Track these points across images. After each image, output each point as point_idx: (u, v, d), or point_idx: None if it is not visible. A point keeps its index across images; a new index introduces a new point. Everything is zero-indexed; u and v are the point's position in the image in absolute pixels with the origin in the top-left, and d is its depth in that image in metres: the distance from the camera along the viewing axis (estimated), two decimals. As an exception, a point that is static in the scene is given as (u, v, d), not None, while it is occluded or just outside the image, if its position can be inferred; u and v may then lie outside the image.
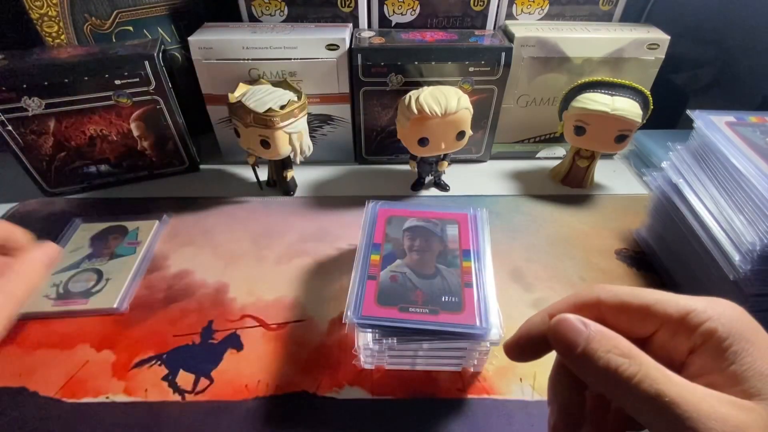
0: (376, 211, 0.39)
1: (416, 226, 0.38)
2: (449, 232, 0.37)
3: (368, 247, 0.36)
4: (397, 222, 0.38)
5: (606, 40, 0.51)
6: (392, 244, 0.36)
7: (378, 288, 0.33)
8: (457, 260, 0.35)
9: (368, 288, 0.33)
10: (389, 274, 0.34)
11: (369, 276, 0.33)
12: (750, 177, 0.34)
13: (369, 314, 0.31)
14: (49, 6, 0.48)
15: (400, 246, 0.36)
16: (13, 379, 0.34)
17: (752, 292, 0.33)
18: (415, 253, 0.35)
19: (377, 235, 0.37)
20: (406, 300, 0.32)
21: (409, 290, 0.33)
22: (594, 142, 0.49)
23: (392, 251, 0.36)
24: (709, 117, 0.39)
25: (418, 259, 0.35)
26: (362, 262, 0.35)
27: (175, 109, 0.52)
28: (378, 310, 0.31)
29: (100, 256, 0.44)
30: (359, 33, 0.53)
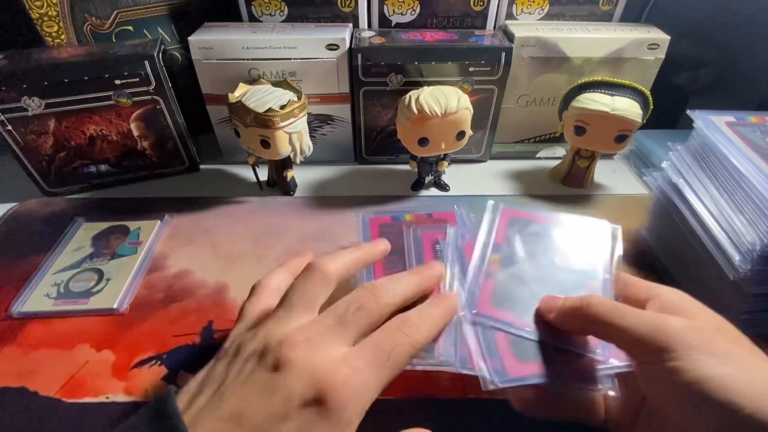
0: (499, 210, 0.37)
1: (539, 233, 0.35)
2: (575, 244, 0.34)
3: (487, 245, 0.34)
4: (520, 225, 0.36)
5: (606, 40, 0.51)
6: (512, 247, 0.34)
7: (494, 288, 0.31)
8: (584, 278, 0.32)
9: (485, 286, 0.31)
10: (507, 277, 0.32)
11: (487, 273, 0.32)
12: (750, 177, 0.34)
13: (485, 312, 0.30)
14: (49, 6, 0.48)
15: (520, 250, 0.34)
16: (13, 379, 0.34)
17: (752, 292, 0.33)
18: (535, 260, 0.33)
19: (499, 235, 0.35)
20: (524, 306, 0.30)
21: (527, 297, 0.31)
22: (594, 142, 0.49)
23: (512, 254, 0.33)
24: (709, 117, 0.39)
25: (533, 265, 0.33)
26: (480, 260, 0.33)
27: (175, 109, 0.52)
28: (493, 310, 0.30)
29: (101, 256, 0.44)
30: (359, 33, 0.53)
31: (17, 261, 0.44)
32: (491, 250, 0.34)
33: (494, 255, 0.33)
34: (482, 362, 0.27)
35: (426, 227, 0.37)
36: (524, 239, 0.34)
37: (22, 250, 0.45)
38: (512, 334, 0.28)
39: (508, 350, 0.28)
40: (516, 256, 0.33)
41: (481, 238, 0.34)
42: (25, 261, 0.44)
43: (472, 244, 0.34)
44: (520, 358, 0.27)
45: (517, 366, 0.27)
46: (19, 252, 0.45)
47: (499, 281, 0.32)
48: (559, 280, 0.31)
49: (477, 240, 0.34)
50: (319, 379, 0.21)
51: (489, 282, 0.31)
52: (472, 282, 0.31)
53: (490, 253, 0.33)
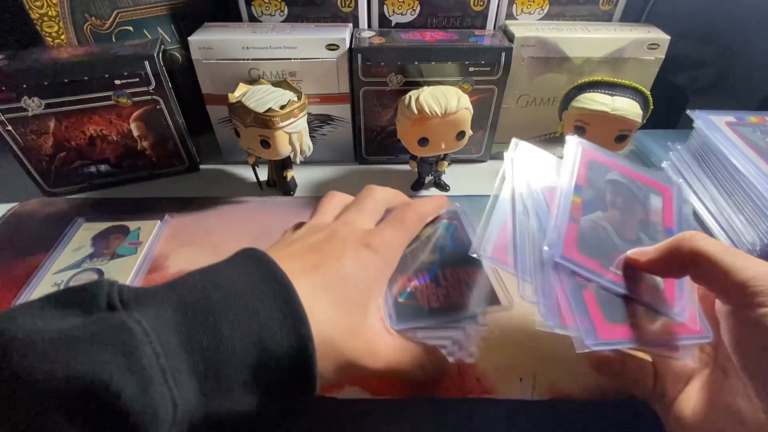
0: (580, 150, 0.34)
1: (620, 182, 0.33)
2: (653, 202, 0.33)
3: (571, 186, 0.31)
4: (599, 169, 0.33)
5: (606, 40, 0.51)
6: (594, 191, 0.31)
7: (579, 233, 0.29)
8: (660, 236, 0.30)
9: (569, 230, 0.29)
10: (590, 223, 0.30)
11: (571, 217, 0.30)
12: (750, 177, 0.34)
13: (571, 257, 0.27)
14: (49, 6, 0.48)
15: (602, 197, 0.31)
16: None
17: (752, 292, 0.33)
18: (617, 210, 0.31)
19: (580, 176, 0.32)
20: (607, 257, 0.28)
21: (610, 248, 0.29)
22: (594, 141, 0.49)
23: (593, 199, 0.31)
24: (709, 117, 0.39)
25: (621, 219, 0.30)
26: (564, 200, 0.30)
27: (175, 109, 0.52)
28: (579, 255, 0.28)
29: (101, 256, 0.44)
30: (359, 33, 0.53)
31: (17, 261, 0.44)
32: (573, 190, 0.31)
33: (576, 197, 0.31)
34: (573, 321, 0.26)
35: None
36: (605, 185, 0.32)
37: (22, 250, 0.45)
38: (600, 285, 0.27)
39: (598, 310, 0.27)
40: (597, 203, 0.31)
41: (564, 176, 0.32)
42: (25, 261, 0.44)
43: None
44: (609, 319, 0.27)
45: (606, 328, 0.26)
46: (19, 252, 0.45)
47: (582, 226, 0.30)
48: (638, 237, 0.30)
49: (561, 177, 0.32)
50: (365, 235, 0.31)
51: (573, 225, 0.29)
52: (558, 221, 0.29)
53: (573, 194, 0.31)
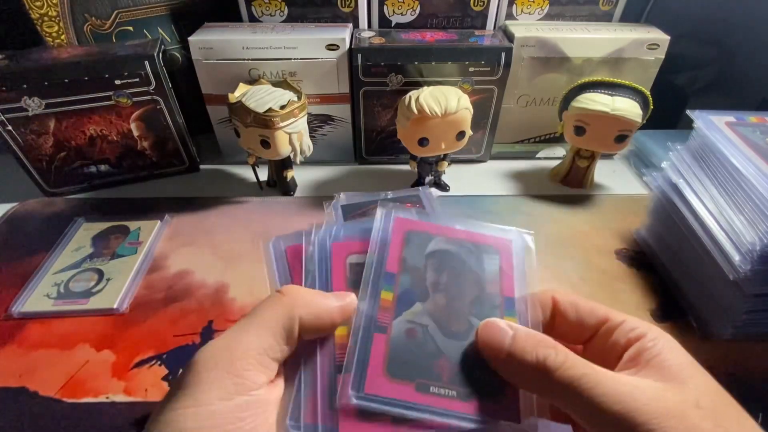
0: (391, 221, 0.26)
1: (444, 252, 0.26)
2: (487, 266, 0.25)
3: (378, 277, 0.24)
4: (418, 242, 0.26)
5: (606, 40, 0.51)
6: (410, 275, 0.25)
7: (388, 348, 0.22)
8: (497, 312, 0.24)
9: (375, 346, 0.22)
10: (405, 325, 0.23)
11: (377, 327, 0.23)
12: (750, 177, 0.34)
13: (374, 392, 0.21)
14: (49, 6, 0.48)
15: (421, 279, 0.25)
16: (13, 379, 0.34)
17: (752, 292, 0.33)
18: (440, 294, 0.24)
19: (391, 260, 0.25)
20: (426, 372, 0.22)
21: (430, 356, 0.22)
22: (594, 142, 0.49)
23: (410, 288, 0.24)
24: (709, 117, 0.39)
25: (445, 306, 0.24)
26: (369, 302, 0.23)
27: (175, 109, 0.52)
28: (388, 385, 0.21)
29: (101, 256, 0.44)
30: (359, 33, 0.53)
31: (17, 261, 0.44)
32: (382, 283, 0.24)
33: (386, 292, 0.24)
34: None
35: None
36: (426, 262, 0.25)
37: (22, 250, 0.45)
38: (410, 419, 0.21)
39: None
40: (416, 291, 0.24)
41: (369, 266, 0.24)
42: (25, 261, 0.44)
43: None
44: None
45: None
46: (19, 252, 0.45)
47: (394, 335, 0.23)
48: (469, 325, 0.24)
49: (365, 269, 0.24)
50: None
51: (380, 338, 0.23)
52: (361, 344, 0.22)
53: (381, 290, 0.24)
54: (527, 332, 0.22)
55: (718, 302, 0.36)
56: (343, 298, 0.23)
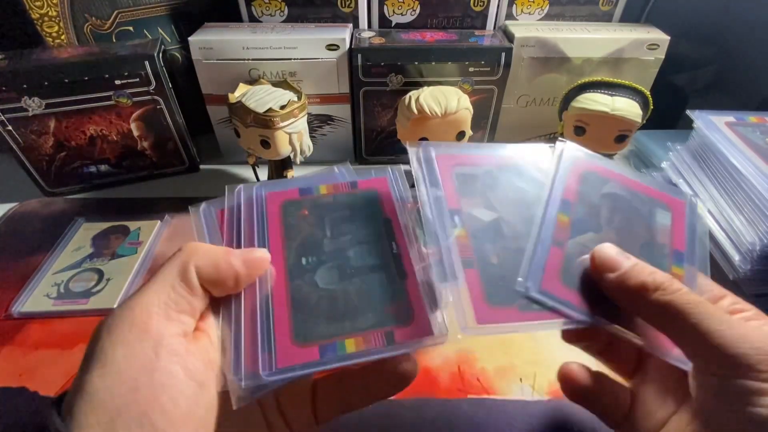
0: (572, 157, 0.28)
1: (619, 196, 0.28)
2: (659, 219, 0.27)
3: (556, 202, 0.26)
4: (595, 182, 0.28)
5: (606, 41, 0.51)
6: (585, 208, 0.26)
7: (564, 260, 0.24)
8: (666, 261, 0.26)
9: (552, 256, 0.24)
10: (579, 247, 0.25)
11: (554, 241, 0.25)
12: (750, 177, 0.34)
13: (551, 290, 0.23)
14: (49, 6, 0.48)
15: (595, 214, 0.26)
16: (13, 379, 0.34)
17: (752, 292, 0.33)
18: (614, 231, 0.26)
19: (568, 190, 0.27)
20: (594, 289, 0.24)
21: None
22: (594, 142, 0.49)
23: (584, 218, 0.26)
24: (708, 117, 0.39)
25: (617, 241, 0.25)
26: (547, 219, 0.25)
27: (175, 109, 0.52)
28: (561, 288, 0.23)
29: (101, 256, 0.44)
30: (359, 33, 0.53)
31: (17, 261, 0.44)
32: (559, 207, 0.26)
33: (563, 215, 0.26)
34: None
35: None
36: (600, 201, 0.27)
37: (22, 250, 0.45)
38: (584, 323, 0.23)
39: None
40: (590, 222, 0.26)
41: (546, 189, 0.27)
42: (25, 261, 0.44)
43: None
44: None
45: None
46: (19, 252, 0.45)
47: (568, 251, 0.25)
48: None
49: (543, 191, 0.27)
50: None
51: (557, 250, 0.25)
52: (537, 245, 0.24)
53: (557, 211, 0.26)
54: (644, 264, 0.22)
55: (718, 302, 0.36)
56: (251, 252, 0.23)
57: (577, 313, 0.23)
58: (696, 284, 0.25)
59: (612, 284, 0.22)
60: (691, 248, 0.27)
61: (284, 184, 0.28)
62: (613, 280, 0.22)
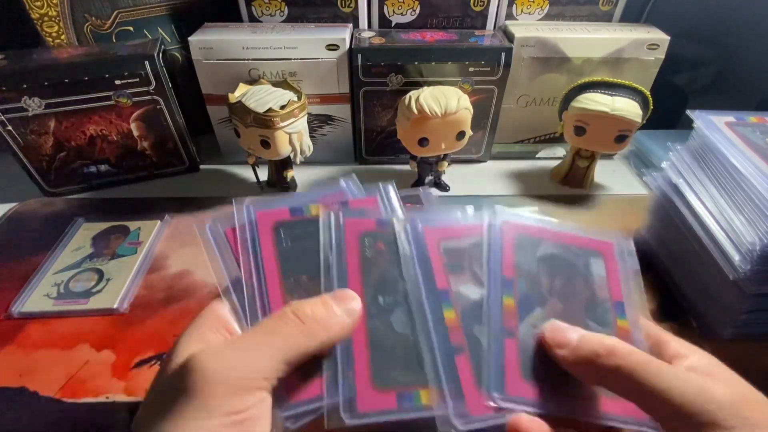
0: (499, 227, 0.26)
1: (554, 256, 0.26)
2: (594, 270, 0.26)
3: (497, 283, 0.24)
4: (529, 246, 0.26)
5: (606, 41, 0.51)
6: (526, 281, 0.25)
7: (519, 352, 0.23)
8: (610, 317, 0.25)
9: (508, 351, 0.23)
10: (529, 329, 0.24)
11: (506, 332, 0.23)
12: (750, 177, 0.34)
13: (517, 393, 0.22)
14: (49, 6, 0.48)
15: (536, 284, 0.25)
16: (13, 379, 0.34)
17: (752, 292, 0.33)
18: (557, 298, 0.25)
19: (506, 265, 0.25)
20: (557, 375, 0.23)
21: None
22: (594, 142, 0.49)
23: (528, 293, 0.25)
24: (709, 117, 0.39)
25: (563, 311, 0.24)
26: (492, 306, 0.24)
27: (175, 109, 0.52)
28: (525, 387, 0.22)
29: (101, 256, 0.44)
30: (359, 33, 0.53)
31: (17, 261, 0.44)
32: (501, 289, 0.24)
33: (507, 297, 0.24)
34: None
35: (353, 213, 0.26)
36: (537, 266, 0.25)
37: (22, 250, 0.45)
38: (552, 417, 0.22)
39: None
40: (534, 297, 0.25)
41: (486, 271, 0.25)
42: (25, 261, 0.44)
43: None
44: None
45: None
46: (19, 252, 0.45)
47: (521, 338, 0.23)
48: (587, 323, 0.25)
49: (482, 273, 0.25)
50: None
51: (511, 342, 0.23)
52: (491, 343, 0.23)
53: (501, 295, 0.24)
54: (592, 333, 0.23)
55: (718, 302, 0.36)
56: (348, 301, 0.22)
57: (543, 409, 0.22)
58: (640, 330, 0.25)
59: (567, 359, 0.22)
60: (628, 294, 0.26)
61: (274, 203, 0.26)
62: (566, 355, 0.22)
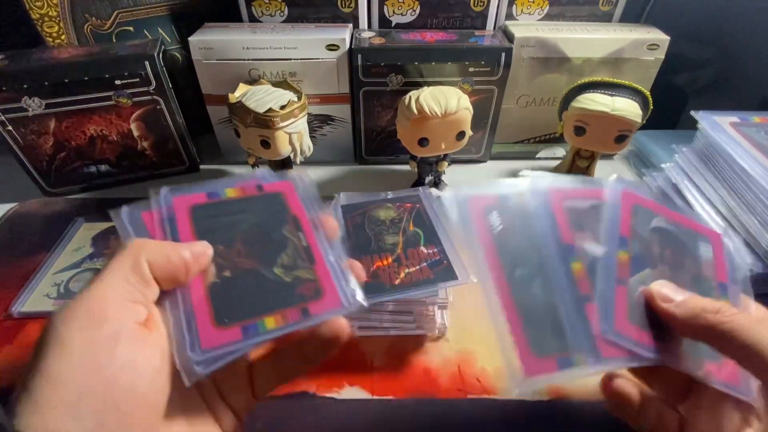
0: (619, 193, 0.28)
1: (667, 231, 0.28)
2: (702, 252, 0.28)
3: (614, 239, 0.26)
4: (644, 216, 0.28)
5: (606, 41, 0.51)
6: (640, 244, 0.27)
7: (628, 299, 0.25)
8: (714, 293, 0.27)
9: (618, 295, 0.25)
10: (638, 285, 0.25)
11: (618, 280, 0.25)
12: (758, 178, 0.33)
13: (624, 332, 0.24)
14: (49, 6, 0.48)
15: (648, 249, 0.27)
16: (13, 379, 0.34)
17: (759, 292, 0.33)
18: (666, 266, 0.27)
19: (624, 225, 0.27)
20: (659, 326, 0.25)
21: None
22: (594, 142, 0.49)
23: (641, 254, 0.26)
24: (713, 118, 0.39)
25: (671, 276, 0.26)
26: (608, 257, 0.26)
27: (175, 109, 0.52)
28: (632, 329, 0.24)
29: (101, 256, 0.44)
30: (359, 33, 0.53)
31: (17, 261, 0.44)
32: (618, 244, 0.26)
33: (623, 252, 0.26)
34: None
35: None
36: (650, 236, 0.27)
37: (22, 250, 0.45)
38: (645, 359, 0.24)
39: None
40: (645, 258, 0.26)
41: (604, 226, 0.27)
42: (25, 261, 0.44)
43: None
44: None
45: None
46: (19, 252, 0.45)
47: (631, 289, 0.25)
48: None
49: (600, 225, 0.27)
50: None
51: (622, 289, 0.25)
52: (603, 285, 0.25)
53: (618, 249, 0.26)
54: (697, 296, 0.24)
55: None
56: (196, 245, 0.24)
57: (647, 351, 0.24)
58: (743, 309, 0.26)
59: (674, 312, 0.23)
60: (734, 281, 0.28)
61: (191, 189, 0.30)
62: (674, 308, 0.23)
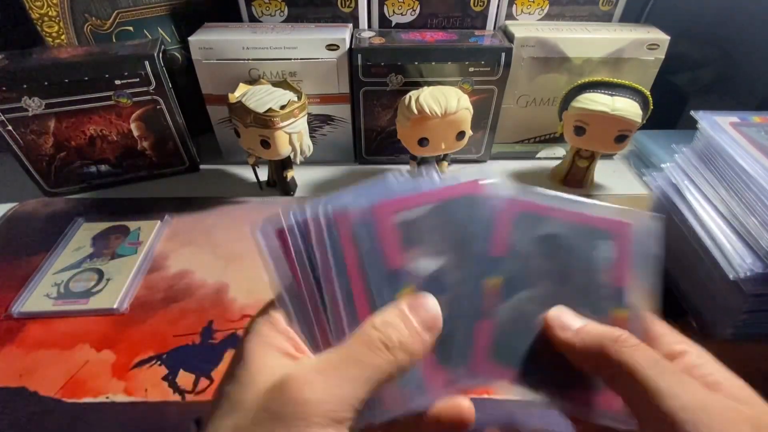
0: (501, 201, 0.23)
1: (557, 236, 0.23)
2: (601, 254, 0.23)
3: (481, 261, 0.22)
4: (529, 224, 0.23)
5: (606, 41, 0.51)
6: (520, 261, 0.23)
7: (495, 333, 0.21)
8: (607, 303, 0.22)
9: (478, 333, 0.21)
10: (513, 312, 0.22)
11: (481, 312, 0.22)
12: (759, 178, 0.33)
13: (478, 370, 0.22)
14: (49, 6, 0.48)
15: (527, 267, 0.23)
16: (13, 379, 0.34)
17: (752, 292, 0.33)
18: (550, 281, 0.23)
19: (498, 242, 0.22)
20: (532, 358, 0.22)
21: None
22: (594, 142, 0.49)
23: (517, 274, 0.22)
24: (713, 118, 0.39)
25: (552, 293, 0.22)
26: (470, 289, 0.22)
27: (175, 109, 0.52)
28: (491, 367, 0.21)
29: (101, 256, 0.44)
30: (359, 33, 0.53)
31: (17, 261, 0.44)
32: (486, 268, 0.22)
33: (493, 277, 0.22)
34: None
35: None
36: (535, 247, 0.23)
37: (22, 250, 0.45)
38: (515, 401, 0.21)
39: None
40: (524, 278, 0.23)
41: (467, 247, 0.22)
42: (25, 261, 0.44)
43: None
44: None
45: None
46: (19, 252, 0.45)
47: (500, 321, 0.22)
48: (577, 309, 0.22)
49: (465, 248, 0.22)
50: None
51: (487, 324, 0.22)
52: (464, 329, 0.22)
53: (484, 276, 0.22)
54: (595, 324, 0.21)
55: (718, 302, 0.36)
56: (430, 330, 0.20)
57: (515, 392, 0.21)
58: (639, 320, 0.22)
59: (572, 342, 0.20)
60: (636, 280, 0.23)
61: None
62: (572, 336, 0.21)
